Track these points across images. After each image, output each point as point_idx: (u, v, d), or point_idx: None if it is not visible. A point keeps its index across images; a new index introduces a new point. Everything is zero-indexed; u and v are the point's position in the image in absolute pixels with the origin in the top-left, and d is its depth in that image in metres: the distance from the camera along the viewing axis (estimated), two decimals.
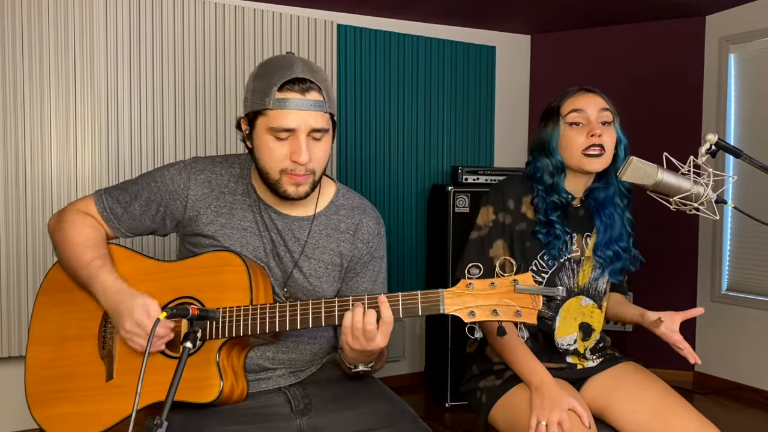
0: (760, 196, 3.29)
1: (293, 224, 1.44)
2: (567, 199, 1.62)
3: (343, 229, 1.48)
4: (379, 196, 3.53)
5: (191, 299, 1.35)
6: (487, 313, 1.18)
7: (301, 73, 1.30)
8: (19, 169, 2.70)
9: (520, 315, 1.17)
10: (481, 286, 1.19)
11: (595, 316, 1.67)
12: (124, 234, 1.48)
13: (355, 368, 1.36)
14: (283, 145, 1.31)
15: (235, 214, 1.43)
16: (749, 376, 3.44)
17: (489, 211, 1.63)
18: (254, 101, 1.32)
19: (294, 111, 1.29)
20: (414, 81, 3.62)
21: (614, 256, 1.64)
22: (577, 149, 1.57)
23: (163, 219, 1.46)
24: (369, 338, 1.22)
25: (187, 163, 1.46)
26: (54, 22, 2.73)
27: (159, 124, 2.95)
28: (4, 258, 2.70)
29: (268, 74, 1.31)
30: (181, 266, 1.40)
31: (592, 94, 1.62)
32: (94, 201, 1.47)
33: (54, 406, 1.40)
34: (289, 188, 1.34)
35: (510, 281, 1.18)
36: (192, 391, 1.27)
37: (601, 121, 1.58)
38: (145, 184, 1.45)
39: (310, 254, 1.44)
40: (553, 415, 1.42)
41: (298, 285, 1.44)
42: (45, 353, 1.44)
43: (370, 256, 1.51)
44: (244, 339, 1.35)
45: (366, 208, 1.53)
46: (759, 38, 3.35)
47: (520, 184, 1.65)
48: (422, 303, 1.21)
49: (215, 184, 1.44)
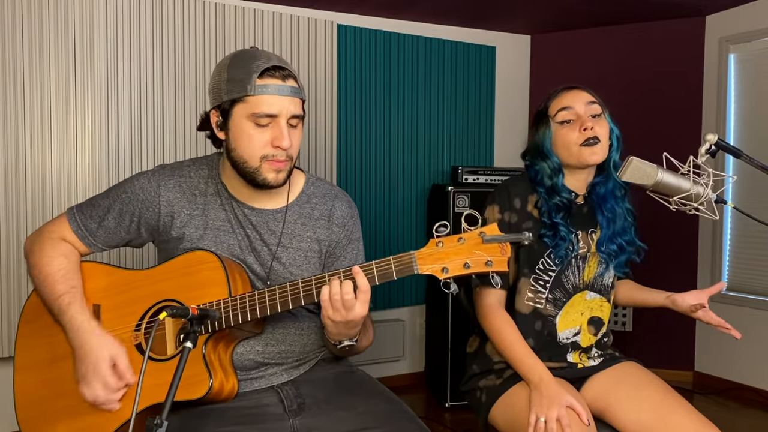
0: (760, 196, 3.29)
1: (267, 217, 1.45)
2: (570, 198, 1.62)
3: (317, 216, 1.49)
4: (379, 196, 3.54)
5: (173, 302, 1.36)
6: (459, 267, 1.21)
7: (278, 62, 1.35)
8: (19, 166, 2.70)
9: (491, 264, 1.20)
10: (450, 242, 1.22)
11: (605, 309, 1.68)
12: (100, 248, 1.49)
13: (340, 344, 1.37)
14: (264, 132, 1.34)
15: (208, 214, 1.44)
16: (749, 376, 3.44)
17: (495, 210, 1.63)
18: (231, 89, 1.33)
19: (276, 96, 1.32)
20: (414, 81, 3.62)
21: (618, 250, 1.65)
22: (573, 144, 1.58)
23: (138, 229, 1.46)
24: (348, 307, 1.24)
25: (154, 171, 1.47)
26: (54, 19, 2.73)
27: (159, 122, 2.95)
28: (4, 258, 2.70)
29: (244, 63, 1.34)
30: (158, 272, 1.41)
31: (577, 90, 1.64)
32: (67, 220, 1.47)
33: (49, 427, 1.40)
34: (269, 175, 1.36)
35: (477, 234, 1.21)
36: (181, 388, 1.27)
37: (590, 114, 1.59)
38: (116, 197, 1.45)
39: (287, 244, 1.45)
40: (552, 411, 1.43)
41: (279, 276, 1.44)
42: (34, 378, 1.44)
43: (348, 239, 1.52)
44: (229, 333, 1.35)
45: (337, 194, 1.55)
46: (759, 38, 3.35)
47: (525, 184, 1.66)
48: (396, 267, 1.24)
49: (186, 188, 1.45)
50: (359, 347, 1.43)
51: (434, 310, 3.50)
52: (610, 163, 1.63)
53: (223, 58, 1.40)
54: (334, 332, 1.32)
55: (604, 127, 1.60)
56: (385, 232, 3.52)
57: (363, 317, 1.27)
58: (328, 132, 3.32)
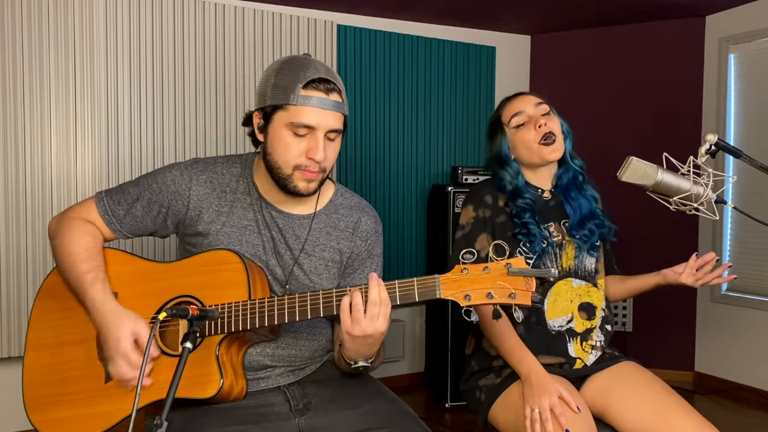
0: (760, 196, 3.30)
1: (294, 222, 1.45)
2: (536, 196, 1.71)
3: (342, 228, 1.50)
4: (379, 196, 3.54)
5: (191, 298, 1.35)
6: (482, 296, 1.20)
7: (325, 74, 1.35)
8: (19, 169, 2.70)
9: (515, 297, 1.19)
10: (476, 270, 1.22)
11: (593, 293, 1.69)
12: (124, 235, 1.48)
13: (354, 364, 1.36)
14: (301, 142, 1.34)
15: (235, 212, 1.43)
16: (749, 376, 3.44)
17: (469, 210, 1.72)
18: (276, 95, 1.34)
19: (317, 109, 1.32)
20: (414, 81, 3.62)
21: (589, 233, 1.70)
22: (533, 143, 1.67)
23: (164, 220, 1.46)
24: (371, 317, 1.21)
25: (188, 164, 1.47)
26: (54, 22, 2.73)
27: (159, 123, 2.95)
28: (4, 258, 2.70)
29: (292, 71, 1.34)
30: (179, 266, 1.41)
31: (524, 95, 1.75)
32: (95, 203, 1.47)
33: (52, 410, 1.40)
34: (300, 184, 1.37)
35: (503, 265, 1.21)
36: (191, 387, 1.28)
37: (541, 114, 1.69)
38: (146, 186, 1.45)
39: (310, 251, 1.45)
40: (543, 400, 1.45)
41: (298, 282, 1.44)
42: (42, 358, 1.44)
43: (368, 253, 1.53)
44: (243, 335, 1.36)
45: (364, 208, 1.55)
46: (759, 38, 3.35)
47: (495, 184, 1.74)
48: (419, 289, 1.23)
49: (216, 184, 1.45)
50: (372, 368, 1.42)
51: (434, 310, 3.50)
52: (566, 154, 1.73)
53: (275, 61, 1.40)
54: (351, 348, 1.30)
55: (556, 123, 1.70)
56: (384, 232, 3.50)
57: (383, 334, 1.26)
58: None
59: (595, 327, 1.67)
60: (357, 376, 1.48)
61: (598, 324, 1.68)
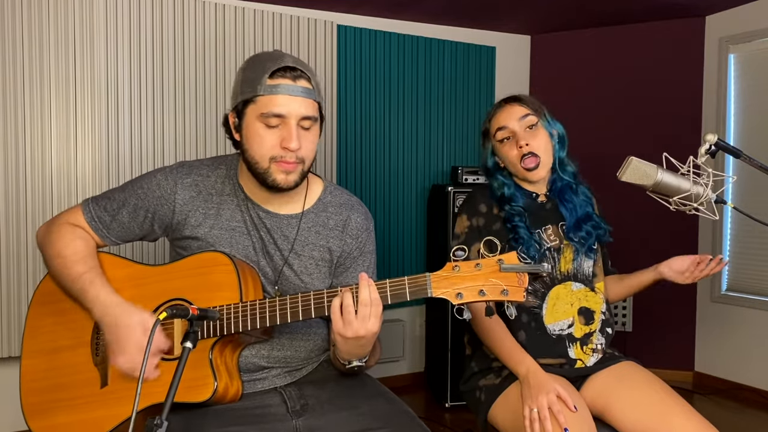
0: (760, 196, 3.30)
1: (282, 222, 1.44)
2: (531, 199, 1.72)
3: (331, 226, 1.48)
4: (379, 196, 3.54)
5: (182, 301, 1.35)
6: (474, 293, 1.18)
7: (292, 62, 1.34)
8: (19, 166, 2.70)
9: (507, 294, 1.17)
10: (467, 267, 1.19)
11: (591, 298, 1.69)
12: (113, 242, 1.48)
13: (349, 364, 1.35)
14: (273, 133, 1.33)
15: (223, 214, 1.43)
16: (749, 376, 3.44)
17: (463, 219, 1.72)
18: (244, 90, 1.33)
19: (285, 96, 1.31)
20: (414, 81, 3.62)
21: (586, 235, 1.70)
22: (516, 160, 1.68)
23: (151, 225, 1.46)
24: (363, 318, 1.20)
25: (173, 168, 1.46)
26: (54, 20, 2.73)
27: (159, 122, 2.95)
28: (4, 258, 2.70)
29: (258, 64, 1.34)
30: (170, 269, 1.40)
31: (511, 104, 1.71)
32: (81, 210, 1.46)
33: (50, 416, 1.40)
34: (279, 176, 1.34)
35: (495, 261, 1.18)
36: (186, 390, 1.27)
37: (526, 127, 1.68)
38: (131, 191, 1.45)
39: (299, 251, 1.44)
40: (541, 399, 1.46)
41: (289, 282, 1.44)
42: (38, 364, 1.44)
43: (360, 251, 1.51)
44: (237, 337, 1.35)
45: (354, 204, 1.53)
46: (759, 38, 3.35)
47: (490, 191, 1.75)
48: (410, 287, 1.21)
49: (202, 187, 1.44)
50: (368, 367, 1.41)
51: (434, 310, 3.50)
52: (555, 161, 1.73)
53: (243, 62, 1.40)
54: (344, 350, 1.30)
55: (542, 137, 1.68)
56: (384, 232, 3.51)
57: (375, 335, 1.25)
58: (327, 132, 3.32)
59: (594, 331, 1.67)
60: (355, 376, 1.48)
61: (597, 327, 1.68)
